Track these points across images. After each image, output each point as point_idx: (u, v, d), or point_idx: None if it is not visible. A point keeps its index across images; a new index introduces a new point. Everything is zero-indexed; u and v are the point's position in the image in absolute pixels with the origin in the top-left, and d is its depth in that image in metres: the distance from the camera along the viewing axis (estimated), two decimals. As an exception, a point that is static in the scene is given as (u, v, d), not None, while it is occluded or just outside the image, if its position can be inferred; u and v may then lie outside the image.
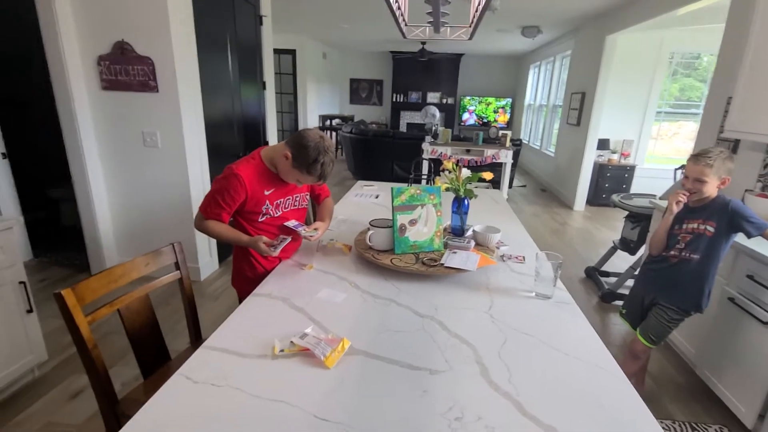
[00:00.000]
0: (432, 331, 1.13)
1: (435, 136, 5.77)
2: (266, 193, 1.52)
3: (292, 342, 1.03)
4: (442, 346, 1.06)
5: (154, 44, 2.63)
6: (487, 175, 1.62)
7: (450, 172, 1.58)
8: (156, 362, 1.43)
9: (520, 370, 0.98)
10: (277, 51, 8.08)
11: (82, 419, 1.85)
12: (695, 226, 1.72)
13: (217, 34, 3.10)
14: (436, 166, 5.23)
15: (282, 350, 1.01)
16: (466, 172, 1.56)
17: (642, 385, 2.14)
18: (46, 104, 3.49)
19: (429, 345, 1.07)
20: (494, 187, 5.97)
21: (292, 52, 8.34)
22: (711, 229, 1.68)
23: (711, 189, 1.67)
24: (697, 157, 1.67)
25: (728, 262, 2.02)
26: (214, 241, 3.31)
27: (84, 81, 2.75)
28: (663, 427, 1.96)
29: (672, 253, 1.78)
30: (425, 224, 1.52)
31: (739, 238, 1.71)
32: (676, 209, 1.72)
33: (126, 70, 2.69)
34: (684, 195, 1.70)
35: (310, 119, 8.92)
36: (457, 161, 2.12)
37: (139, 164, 2.92)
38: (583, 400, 0.90)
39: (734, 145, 2.88)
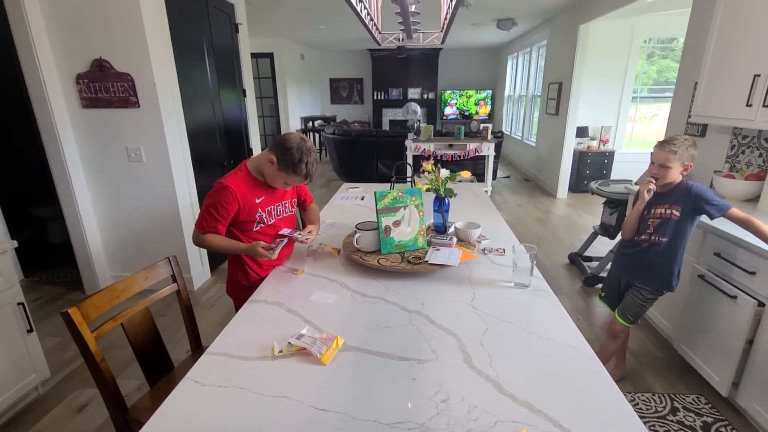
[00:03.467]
0: (419, 324, 1.22)
1: (417, 132, 5.84)
2: (257, 201, 1.59)
3: (289, 343, 1.11)
4: (428, 338, 1.15)
5: (132, 60, 2.65)
6: (465, 174, 1.71)
7: (429, 173, 1.66)
8: (160, 371, 1.49)
9: (500, 354, 1.08)
10: (254, 55, 8.12)
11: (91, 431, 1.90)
12: (662, 210, 1.82)
13: (194, 45, 3.13)
14: (416, 165, 5.31)
15: (281, 351, 1.08)
16: (444, 173, 1.64)
17: (623, 362, 2.25)
18: (25, 125, 3.49)
19: (416, 337, 1.15)
20: (478, 180, 6.11)
21: (270, 55, 8.33)
22: (677, 213, 1.78)
23: (674, 174, 1.77)
24: (663, 143, 1.78)
25: (697, 241, 2.14)
26: (204, 251, 3.35)
27: (64, 100, 2.76)
28: (644, 400, 2.09)
29: (643, 237, 1.88)
30: (408, 224, 1.60)
31: (707, 219, 1.79)
32: (647, 197, 1.82)
33: (106, 87, 2.70)
34: (653, 183, 1.81)
35: (291, 122, 8.92)
36: (436, 161, 2.20)
37: (125, 179, 2.94)
38: (556, 377, 0.99)
39: (702, 129, 3.01)
